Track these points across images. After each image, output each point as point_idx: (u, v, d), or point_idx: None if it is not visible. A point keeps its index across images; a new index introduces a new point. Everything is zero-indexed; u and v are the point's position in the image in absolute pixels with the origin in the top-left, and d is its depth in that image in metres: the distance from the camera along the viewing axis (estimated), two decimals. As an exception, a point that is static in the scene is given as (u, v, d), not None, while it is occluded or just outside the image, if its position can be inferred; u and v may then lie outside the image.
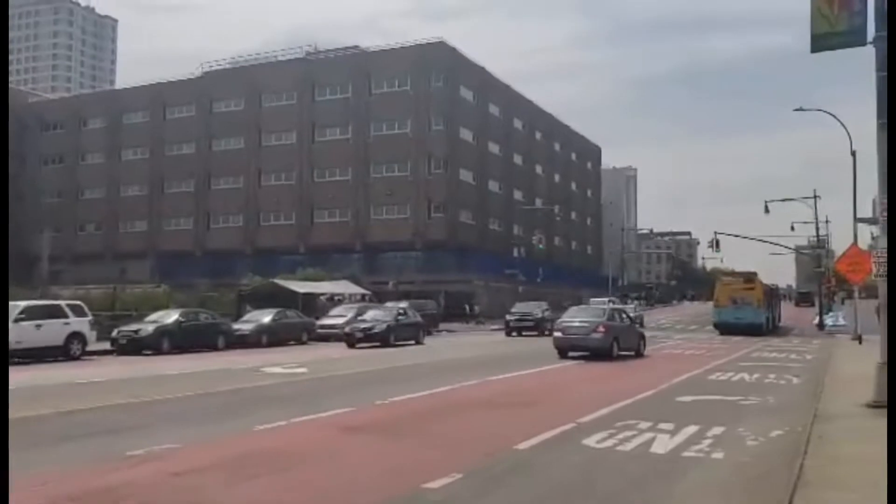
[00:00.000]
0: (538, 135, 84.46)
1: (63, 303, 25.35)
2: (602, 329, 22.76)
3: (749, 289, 40.89)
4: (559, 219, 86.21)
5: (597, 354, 22.46)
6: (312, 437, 9.64)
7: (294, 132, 71.48)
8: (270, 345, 29.86)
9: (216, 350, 27.58)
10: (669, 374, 17.97)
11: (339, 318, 34.26)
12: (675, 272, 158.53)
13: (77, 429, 10.00)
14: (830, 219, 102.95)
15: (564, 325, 23.79)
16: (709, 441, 9.31)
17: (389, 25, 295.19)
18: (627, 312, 29.24)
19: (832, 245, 73.43)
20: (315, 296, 41.05)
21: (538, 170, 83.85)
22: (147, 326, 26.68)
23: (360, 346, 29.05)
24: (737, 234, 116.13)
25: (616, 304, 46.26)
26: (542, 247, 69.45)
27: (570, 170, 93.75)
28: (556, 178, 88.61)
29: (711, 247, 60.00)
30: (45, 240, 48.42)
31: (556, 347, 23.42)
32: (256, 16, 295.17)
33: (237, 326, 31.00)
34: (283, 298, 37.57)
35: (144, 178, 77.81)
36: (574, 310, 27.91)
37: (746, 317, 39.38)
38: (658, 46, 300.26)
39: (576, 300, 56.92)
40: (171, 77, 78.15)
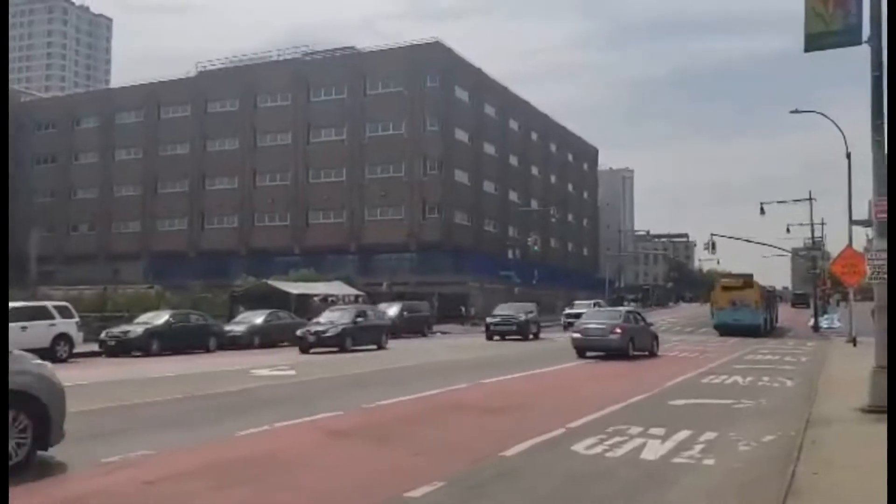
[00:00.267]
0: (534, 136, 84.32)
1: (49, 304, 25.12)
2: (619, 330, 23.97)
3: (747, 291, 41.41)
4: (555, 220, 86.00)
5: (614, 354, 23.39)
6: (294, 444, 9.40)
7: (289, 133, 71.28)
8: (262, 346, 29.69)
9: (207, 352, 27.40)
10: (663, 377, 17.81)
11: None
12: (672, 274, 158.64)
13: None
14: (827, 221, 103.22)
15: (583, 327, 24.95)
16: (700, 446, 9.12)
17: (388, 27, 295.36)
18: (642, 314, 29.89)
19: (828, 247, 73.42)
20: (308, 297, 40.80)
21: (534, 171, 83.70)
22: (136, 328, 26.48)
23: (314, 352, 26.68)
24: (733, 237, 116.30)
25: (602, 308, 47.07)
26: (538, 248, 69.35)
27: (567, 171, 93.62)
28: (553, 180, 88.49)
29: (708, 249, 59.93)
30: (34, 240, 48.08)
31: (575, 348, 24.42)
32: (255, 17, 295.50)
33: (229, 328, 30.85)
34: (277, 300, 37.36)
35: (138, 179, 77.55)
36: (592, 312, 29.80)
37: (745, 318, 39.94)
38: (657, 48, 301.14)
39: (570, 303, 56.72)
40: (166, 77, 78.01)
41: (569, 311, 50.47)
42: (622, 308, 34.69)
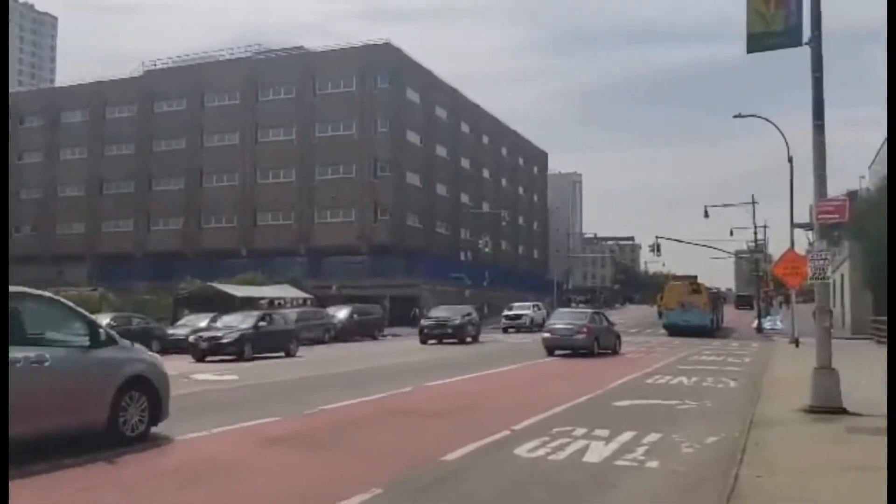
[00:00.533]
0: (485, 139, 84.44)
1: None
2: (585, 330, 26.01)
3: (695, 293, 43.02)
4: (506, 223, 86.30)
5: (580, 352, 25.33)
6: (228, 451, 9.06)
7: (237, 133, 70.09)
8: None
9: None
10: (609, 378, 17.82)
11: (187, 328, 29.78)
12: (619, 276, 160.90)
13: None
14: (771, 224, 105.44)
15: (553, 327, 27.04)
16: (644, 448, 9.04)
17: (339, 28, 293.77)
18: (607, 316, 31.12)
19: (770, 250, 75.08)
20: (255, 300, 40.11)
21: (485, 174, 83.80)
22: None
23: (210, 360, 24.50)
24: (678, 239, 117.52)
25: (539, 311, 47.87)
26: (489, 251, 69.39)
27: (517, 174, 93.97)
28: (504, 183, 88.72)
29: (653, 251, 60.75)
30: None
31: (545, 346, 26.33)
32: (205, 18, 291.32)
33: (172, 331, 30.14)
34: (221, 303, 36.59)
35: (83, 179, 75.53)
36: (560, 312, 31.37)
37: (694, 319, 41.50)
38: (606, 55, 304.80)
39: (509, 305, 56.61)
40: (112, 76, 76.21)
41: (507, 313, 50.67)
42: (588, 310, 35.66)
